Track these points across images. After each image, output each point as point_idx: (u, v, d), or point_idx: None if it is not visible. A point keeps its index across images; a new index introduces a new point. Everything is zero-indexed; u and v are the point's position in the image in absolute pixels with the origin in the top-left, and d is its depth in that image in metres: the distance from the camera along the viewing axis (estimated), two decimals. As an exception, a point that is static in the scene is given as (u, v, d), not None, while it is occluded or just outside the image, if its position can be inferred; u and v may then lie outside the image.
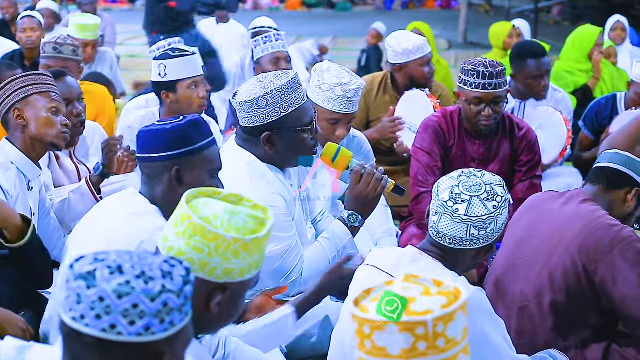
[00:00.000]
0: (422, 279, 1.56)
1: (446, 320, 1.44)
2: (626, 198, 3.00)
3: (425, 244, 2.45)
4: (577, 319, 2.93)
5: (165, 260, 1.47)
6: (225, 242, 1.72)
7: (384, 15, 18.40)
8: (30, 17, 6.49)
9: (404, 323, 1.42)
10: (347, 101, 3.59)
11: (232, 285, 1.77)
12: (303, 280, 3.00)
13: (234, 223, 1.74)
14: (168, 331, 1.43)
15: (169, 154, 2.42)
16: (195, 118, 2.48)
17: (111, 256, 1.45)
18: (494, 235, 2.38)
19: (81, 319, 1.40)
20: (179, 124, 2.43)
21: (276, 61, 5.17)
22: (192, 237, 1.72)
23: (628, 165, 3.01)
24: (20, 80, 3.24)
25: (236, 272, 1.75)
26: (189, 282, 1.46)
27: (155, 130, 2.45)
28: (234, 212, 1.76)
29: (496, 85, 3.83)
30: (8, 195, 3.07)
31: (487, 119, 3.89)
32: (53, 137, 3.22)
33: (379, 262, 2.45)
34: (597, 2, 16.82)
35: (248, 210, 1.79)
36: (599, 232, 2.85)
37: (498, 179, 2.40)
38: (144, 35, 8.32)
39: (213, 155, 2.50)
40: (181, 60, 3.94)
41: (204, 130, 2.47)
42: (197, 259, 1.72)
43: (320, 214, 3.41)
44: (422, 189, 3.98)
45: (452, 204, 2.34)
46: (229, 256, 1.73)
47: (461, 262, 2.43)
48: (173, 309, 1.42)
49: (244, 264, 1.75)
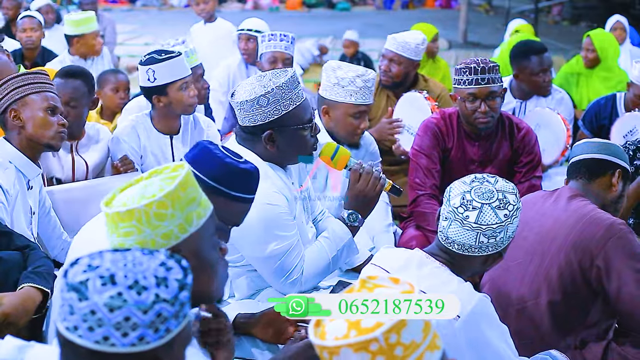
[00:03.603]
0: (380, 279, 1.56)
1: (398, 328, 1.41)
2: (611, 182, 3.01)
3: (433, 248, 2.44)
4: (575, 318, 2.94)
5: (162, 263, 1.46)
6: (143, 212, 1.72)
7: (384, 15, 18.41)
8: (30, 17, 6.50)
9: (355, 344, 1.40)
10: (368, 91, 3.72)
11: (182, 245, 1.77)
12: (303, 279, 3.00)
13: (149, 192, 1.74)
14: (163, 338, 1.42)
15: (212, 184, 2.29)
16: (256, 170, 2.40)
17: (105, 263, 1.44)
18: (504, 244, 2.36)
19: (74, 329, 1.40)
20: (250, 167, 2.37)
21: (273, 60, 5.16)
22: (117, 227, 1.73)
23: (603, 151, 3.02)
24: (17, 80, 3.22)
25: (176, 231, 1.75)
26: (185, 287, 1.45)
27: (233, 164, 2.34)
28: (146, 185, 1.77)
29: (489, 80, 3.83)
30: (7, 194, 3.07)
31: (484, 116, 3.88)
32: (49, 138, 3.22)
33: (386, 263, 2.43)
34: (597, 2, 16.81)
35: (160, 176, 1.80)
36: (591, 226, 2.85)
37: (511, 187, 2.37)
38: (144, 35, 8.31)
39: (242, 210, 2.40)
40: (169, 63, 3.90)
41: (254, 186, 2.40)
42: (134, 241, 1.73)
43: (321, 213, 3.41)
44: (420, 191, 3.99)
45: (463, 211, 2.32)
46: (156, 222, 1.73)
47: (468, 268, 2.42)
48: (167, 318, 1.42)
49: (179, 220, 1.75)
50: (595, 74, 6.48)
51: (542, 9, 17.36)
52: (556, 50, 11.83)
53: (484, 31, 15.38)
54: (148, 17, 18.24)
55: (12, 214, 3.10)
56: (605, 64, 6.44)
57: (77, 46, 6.02)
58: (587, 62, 6.49)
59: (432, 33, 6.99)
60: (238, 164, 2.34)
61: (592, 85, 6.47)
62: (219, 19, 7.59)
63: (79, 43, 6.02)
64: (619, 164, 3.01)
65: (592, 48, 6.41)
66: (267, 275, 2.97)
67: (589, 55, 6.44)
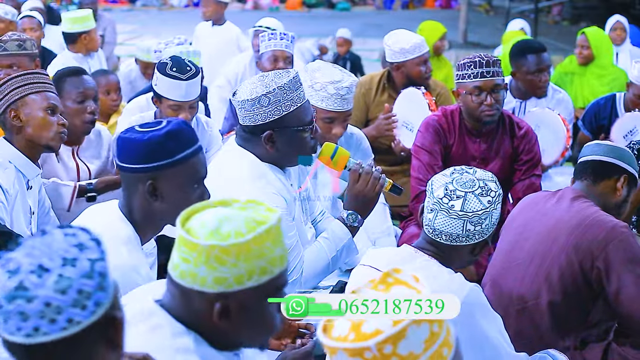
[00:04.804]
0: (403, 274, 1.51)
1: (394, 339, 1.37)
2: (616, 187, 3.00)
3: (420, 242, 2.47)
4: (575, 318, 2.93)
5: (78, 244, 1.40)
6: (204, 251, 1.62)
7: (384, 15, 18.42)
8: (30, 17, 6.50)
9: (350, 349, 1.39)
10: (340, 99, 3.61)
11: (234, 294, 1.66)
12: (303, 280, 3.00)
13: (223, 230, 1.63)
14: (96, 314, 1.38)
15: (145, 166, 2.25)
16: (176, 127, 2.27)
17: (17, 255, 1.39)
18: (489, 231, 2.41)
19: (5, 329, 1.38)
20: (156, 135, 2.24)
21: (274, 59, 5.16)
22: (179, 248, 1.67)
23: (611, 154, 3.01)
24: (16, 80, 3.22)
25: (230, 280, 1.64)
26: (99, 260, 1.40)
27: (131, 139, 2.26)
28: (227, 217, 1.65)
29: (494, 72, 3.85)
30: (7, 194, 3.07)
31: (490, 109, 3.89)
32: (49, 139, 3.21)
33: (375, 261, 2.46)
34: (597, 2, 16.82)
35: (248, 213, 1.68)
36: (593, 228, 2.85)
37: (490, 175, 2.43)
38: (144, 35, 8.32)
39: (196, 165, 2.31)
40: (169, 81, 3.85)
41: (185, 139, 2.28)
42: (187, 269, 1.66)
43: (320, 214, 3.41)
44: (422, 187, 3.97)
45: (447, 201, 2.36)
46: (214, 264, 1.63)
47: (457, 258, 2.45)
48: (91, 292, 1.37)
49: (239, 271, 1.64)
50: (589, 71, 6.49)
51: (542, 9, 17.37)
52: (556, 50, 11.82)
53: (484, 31, 15.39)
54: (148, 17, 18.25)
55: (11, 213, 3.10)
56: (599, 61, 6.45)
57: (84, 42, 6.03)
58: (581, 58, 6.50)
59: (441, 32, 7.06)
60: (159, 132, 2.24)
61: (586, 83, 6.48)
62: (228, 23, 7.56)
63: (86, 39, 6.04)
64: (626, 169, 3.00)
65: (587, 45, 6.42)
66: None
67: (584, 51, 6.45)
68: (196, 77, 3.91)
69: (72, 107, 3.72)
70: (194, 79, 3.89)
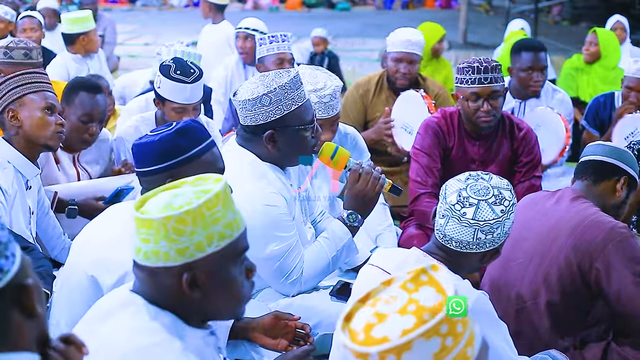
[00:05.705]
0: (439, 274, 1.49)
1: (398, 350, 1.35)
2: (615, 188, 3.00)
3: (430, 246, 2.44)
4: (574, 318, 2.93)
5: None
6: (161, 224, 1.68)
7: (384, 15, 18.41)
8: (31, 17, 6.49)
9: (355, 352, 1.38)
10: (324, 106, 3.61)
11: (198, 262, 1.72)
12: (303, 280, 2.99)
13: (175, 203, 1.70)
14: (1, 281, 1.35)
15: (162, 166, 2.37)
16: (185, 125, 2.41)
17: None
18: (500, 239, 2.36)
19: None
20: (167, 134, 2.38)
21: (280, 62, 5.17)
22: (139, 231, 1.72)
23: (612, 155, 3.01)
24: (14, 80, 3.21)
25: (192, 249, 1.70)
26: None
27: (145, 143, 2.40)
28: (176, 194, 1.73)
29: (492, 79, 3.82)
30: (6, 195, 3.06)
31: (487, 115, 3.88)
32: (47, 139, 3.20)
33: (384, 263, 2.43)
34: (597, 2, 16.81)
35: (195, 187, 1.76)
36: (592, 229, 2.85)
37: (506, 183, 2.38)
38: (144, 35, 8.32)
39: (211, 159, 2.42)
40: (173, 84, 3.85)
41: (196, 136, 2.41)
42: (149, 249, 1.71)
43: (320, 214, 3.40)
44: (421, 190, 3.98)
45: (459, 208, 2.32)
46: (173, 236, 1.69)
47: (466, 265, 2.41)
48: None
49: (198, 238, 1.69)
50: (594, 70, 6.48)
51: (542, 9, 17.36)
52: (556, 50, 11.83)
53: (484, 31, 15.37)
54: (148, 17, 18.24)
55: (10, 214, 3.09)
56: (604, 61, 6.45)
57: (82, 43, 6.03)
58: (587, 56, 6.49)
59: (440, 34, 7.01)
60: (170, 132, 2.38)
61: (591, 82, 6.48)
62: (224, 22, 7.59)
63: (85, 40, 6.03)
64: (627, 170, 3.00)
65: (596, 42, 6.42)
66: (267, 276, 2.97)
67: (591, 49, 6.45)
68: (200, 79, 3.92)
69: (74, 123, 3.71)
70: (198, 81, 3.91)
